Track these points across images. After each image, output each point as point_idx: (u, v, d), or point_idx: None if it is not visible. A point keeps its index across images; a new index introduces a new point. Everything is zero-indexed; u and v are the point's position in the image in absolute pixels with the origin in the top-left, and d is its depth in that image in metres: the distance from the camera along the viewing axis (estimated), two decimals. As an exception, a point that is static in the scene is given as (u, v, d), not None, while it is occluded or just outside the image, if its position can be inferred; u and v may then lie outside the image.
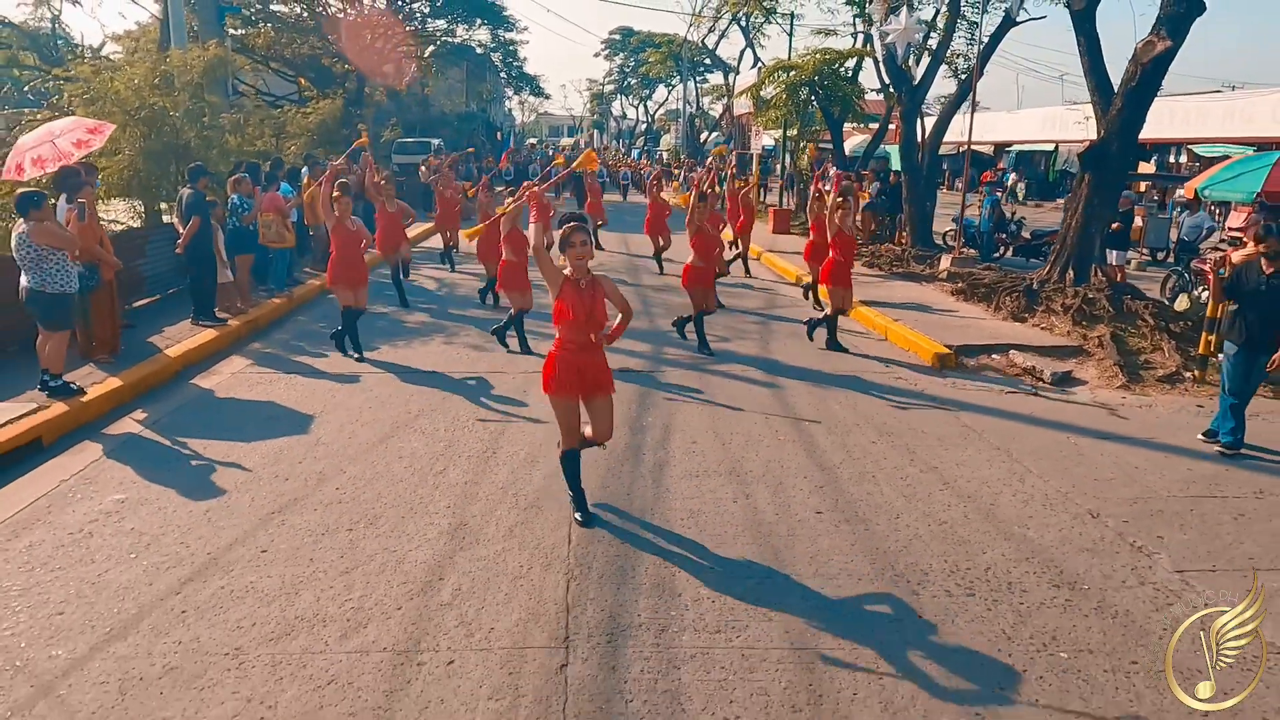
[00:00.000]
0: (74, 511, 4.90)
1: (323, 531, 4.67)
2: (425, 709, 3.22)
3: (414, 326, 9.98)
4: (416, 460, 5.73)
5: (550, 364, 4.68)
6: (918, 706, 3.31)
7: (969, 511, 5.14)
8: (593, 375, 4.66)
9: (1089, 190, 10.02)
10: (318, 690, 3.32)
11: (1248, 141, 24.66)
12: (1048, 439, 6.53)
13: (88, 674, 3.41)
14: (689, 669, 3.51)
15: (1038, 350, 8.86)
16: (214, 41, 13.00)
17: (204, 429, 6.34)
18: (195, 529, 4.69)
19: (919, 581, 4.27)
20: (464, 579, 4.18)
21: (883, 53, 14.29)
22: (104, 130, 7.70)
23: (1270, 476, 5.88)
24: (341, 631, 3.71)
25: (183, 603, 3.94)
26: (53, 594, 4.00)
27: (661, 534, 4.73)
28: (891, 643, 3.73)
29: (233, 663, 3.49)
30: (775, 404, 7.18)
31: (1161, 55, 9.13)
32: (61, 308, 6.59)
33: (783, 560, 4.45)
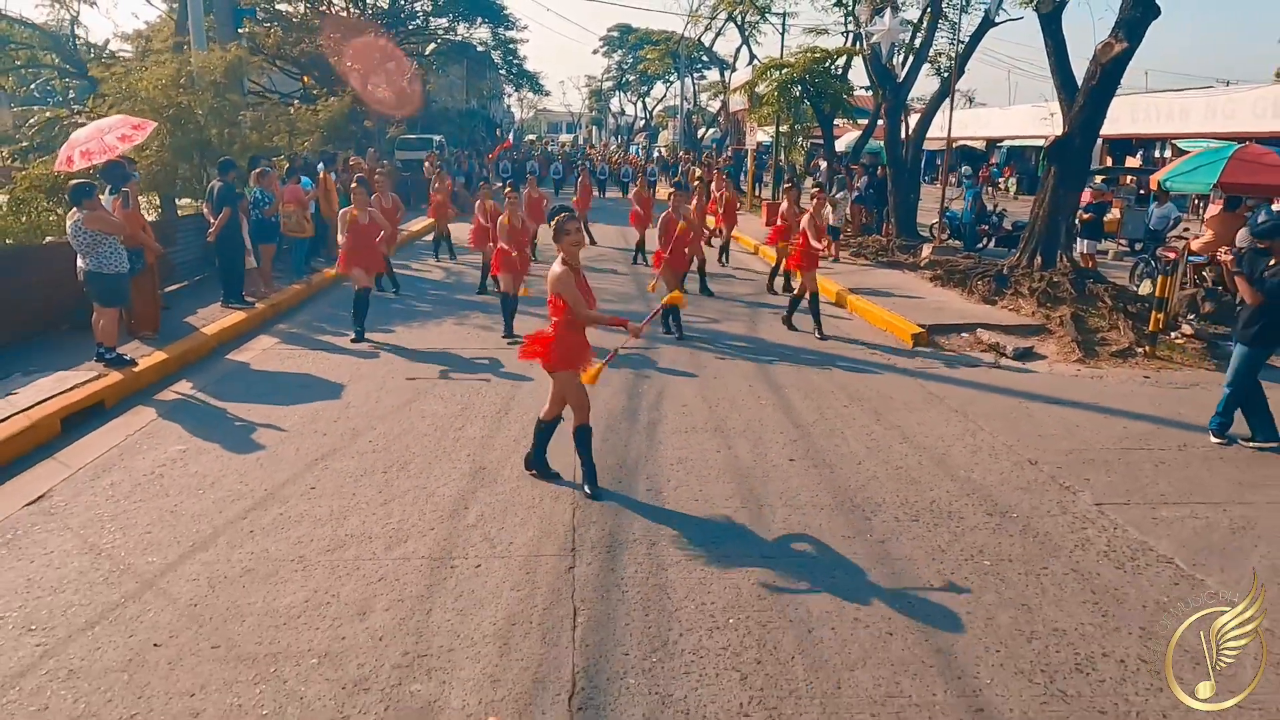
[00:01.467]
0: (143, 459, 5.63)
1: (361, 473, 5.41)
2: (460, 597, 3.96)
3: (426, 310, 10.70)
4: (437, 419, 6.46)
5: (561, 344, 4.96)
6: (860, 594, 4.05)
7: (923, 459, 5.88)
8: (589, 353, 5.19)
9: (1054, 181, 10.76)
10: (370, 585, 4.06)
11: (1229, 136, 25.26)
12: (1003, 404, 7.27)
13: (180, 573, 4.14)
14: (675, 571, 4.25)
15: (1003, 329, 9.60)
16: (235, 44, 13.73)
17: (245, 395, 7.08)
18: (250, 472, 5.42)
19: (873, 510, 5.01)
20: (485, 508, 4.92)
21: (868, 52, 15.00)
22: (146, 127, 8.42)
23: (1196, 434, 6.60)
24: (385, 545, 4.45)
25: (249, 525, 4.68)
26: (139, 519, 4.73)
27: (654, 475, 5.46)
28: (844, 551, 4.47)
29: (298, 566, 4.23)
30: (758, 374, 7.92)
31: (1119, 56, 9.85)
32: (116, 287, 7.32)
33: (757, 495, 5.19)
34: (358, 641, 3.60)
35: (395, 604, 3.89)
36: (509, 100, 65.45)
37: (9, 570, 4.16)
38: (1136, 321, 9.57)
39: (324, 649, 3.54)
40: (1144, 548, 4.65)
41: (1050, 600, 4.08)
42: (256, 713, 3.16)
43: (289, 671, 3.40)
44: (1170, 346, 9.17)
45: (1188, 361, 8.78)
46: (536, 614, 3.83)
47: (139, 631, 3.66)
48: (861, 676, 3.44)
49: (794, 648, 3.62)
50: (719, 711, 3.21)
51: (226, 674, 3.38)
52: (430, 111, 38.73)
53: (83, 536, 4.52)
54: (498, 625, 3.73)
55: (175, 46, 16.23)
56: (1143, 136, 30.93)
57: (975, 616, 3.91)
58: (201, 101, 11.87)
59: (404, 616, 3.79)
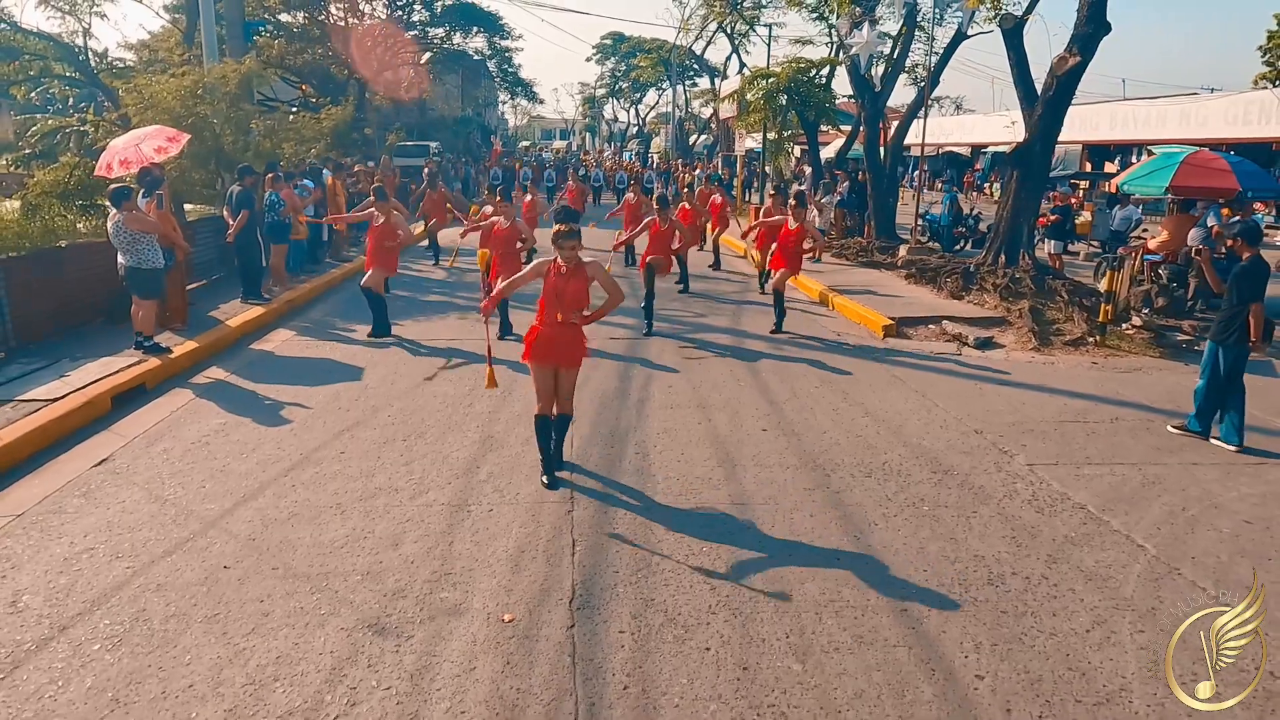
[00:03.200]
0: (189, 430, 6.35)
1: (384, 441, 6.14)
2: (476, 533, 4.69)
3: (433, 304, 11.43)
4: (448, 399, 7.19)
5: (529, 335, 5.30)
6: (814, 531, 4.79)
7: (881, 429, 6.63)
8: (563, 348, 5.20)
9: (1016, 185, 11.55)
10: (399, 524, 4.78)
11: (1201, 143, 26.15)
12: (959, 385, 8.03)
13: (236, 517, 4.87)
14: (658, 512, 4.99)
15: (967, 321, 10.38)
16: (249, 56, 14.45)
17: (272, 378, 7.79)
18: (285, 440, 6.15)
19: (831, 469, 5.76)
20: (494, 467, 5.65)
21: (848, 63, 15.81)
22: (180, 139, 9.13)
23: (1128, 409, 7.37)
24: (410, 495, 5.18)
25: (291, 480, 5.40)
26: (194, 476, 5.45)
27: (642, 442, 6.19)
28: (803, 499, 5.22)
29: (337, 511, 4.95)
30: (739, 361, 8.67)
31: (1073, 69, 10.66)
32: (154, 281, 8.03)
33: (732, 457, 5.93)
34: (393, 564, 4.33)
35: (422, 538, 4.62)
36: (504, 107, 66.28)
37: (91, 515, 4.88)
38: (1090, 314, 10.36)
39: (366, 569, 4.27)
40: (1063, 497, 5.40)
41: (975, 535, 4.83)
42: (315, 613, 3.88)
43: (338, 585, 4.12)
44: (1120, 336, 9.95)
45: (1134, 350, 9.56)
46: (541, 544, 4.57)
47: (209, 558, 4.38)
48: (810, 587, 4.18)
49: (756, 568, 4.36)
50: (691, 610, 3.94)
51: (287, 587, 4.10)
52: (427, 119, 39.53)
53: (148, 489, 5.24)
54: (509, 552, 4.47)
55: (187, 60, 16.97)
56: (1120, 143, 31.91)
57: (909, 547, 4.65)
58: (217, 111, 12.57)
59: (430, 546, 4.52)
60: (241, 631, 3.72)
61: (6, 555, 4.40)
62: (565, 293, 5.12)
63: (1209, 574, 4.44)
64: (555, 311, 5.15)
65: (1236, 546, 4.78)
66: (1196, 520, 5.11)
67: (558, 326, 5.16)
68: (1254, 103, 25.31)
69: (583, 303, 5.22)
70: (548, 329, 5.19)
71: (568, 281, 5.12)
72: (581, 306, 5.22)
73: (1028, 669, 3.57)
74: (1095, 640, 3.80)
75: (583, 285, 5.18)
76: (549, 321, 5.18)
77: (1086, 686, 3.46)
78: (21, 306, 7.96)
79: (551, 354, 5.21)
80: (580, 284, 5.16)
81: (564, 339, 5.20)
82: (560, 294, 5.12)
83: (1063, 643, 3.77)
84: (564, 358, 5.25)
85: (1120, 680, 3.50)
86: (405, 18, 32.15)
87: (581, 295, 5.18)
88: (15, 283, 7.91)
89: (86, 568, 4.27)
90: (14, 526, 4.73)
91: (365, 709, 3.23)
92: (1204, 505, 5.34)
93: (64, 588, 4.08)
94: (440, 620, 3.83)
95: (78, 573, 4.22)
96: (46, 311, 8.39)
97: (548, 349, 5.20)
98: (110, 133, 17.38)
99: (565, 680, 3.42)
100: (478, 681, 3.41)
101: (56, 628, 3.74)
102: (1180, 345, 9.89)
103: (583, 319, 5.26)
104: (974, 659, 3.63)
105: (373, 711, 3.22)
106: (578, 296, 5.16)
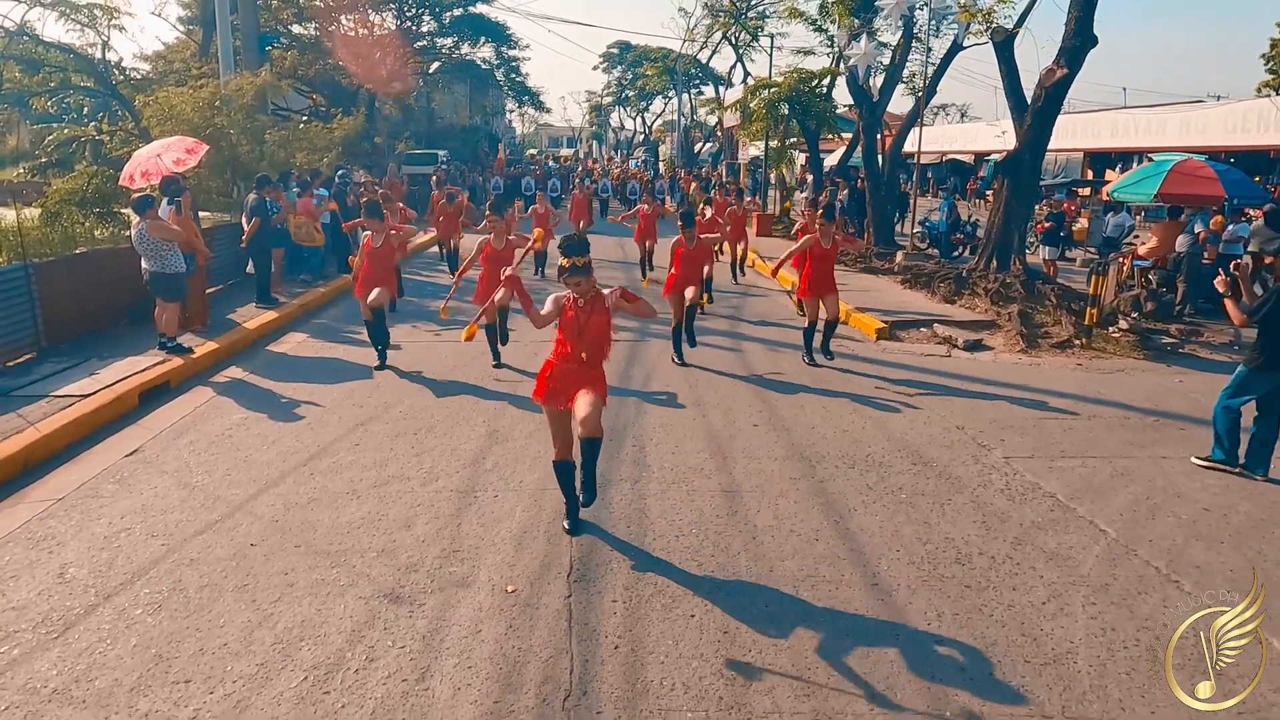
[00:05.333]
0: (212, 424, 6.74)
1: (395, 434, 6.51)
2: (482, 515, 5.06)
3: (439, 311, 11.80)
4: (457, 396, 7.57)
5: (543, 372, 4.75)
6: (797, 515, 5.14)
7: (867, 424, 6.98)
8: (582, 387, 4.63)
9: (1007, 193, 11.90)
10: (412, 508, 5.15)
11: (1200, 150, 26.50)
12: (946, 385, 8.36)
13: (260, 501, 5.25)
14: (652, 499, 5.34)
15: (958, 324, 10.71)
16: (264, 69, 14.94)
17: (288, 377, 8.18)
18: (303, 434, 6.53)
19: (818, 460, 6.11)
20: (500, 458, 6.02)
21: (846, 74, 16.20)
22: (199, 150, 9.57)
23: (1107, 407, 7.70)
24: (421, 482, 5.55)
25: (309, 469, 5.78)
26: (219, 465, 5.84)
27: (640, 435, 6.55)
28: (788, 487, 5.56)
29: (353, 497, 5.33)
30: (736, 361, 9.03)
31: (1061, 81, 11.01)
32: (176, 284, 8.44)
33: (723, 450, 6.29)
34: (406, 543, 4.69)
35: (433, 520, 4.99)
36: (511, 116, 66.84)
37: (125, 499, 5.27)
38: (1078, 318, 10.68)
39: (381, 547, 4.64)
40: (1034, 487, 5.74)
41: (948, 520, 5.17)
42: (335, 584, 4.25)
43: (356, 560, 4.49)
44: (1106, 339, 10.27)
45: (1120, 352, 9.88)
46: (542, 526, 4.93)
47: (237, 537, 4.76)
48: (790, 565, 4.53)
49: (740, 547, 4.71)
50: (679, 583, 4.30)
51: (309, 562, 4.47)
52: (435, 127, 40.09)
53: (177, 477, 5.62)
54: (513, 533, 4.83)
55: (204, 72, 17.48)
56: (1122, 150, 32.19)
57: (885, 530, 5.00)
58: (234, 122, 13.04)
59: (440, 528, 4.89)
60: (269, 599, 4.09)
61: (51, 534, 4.78)
62: (587, 329, 4.61)
63: (1163, 555, 4.77)
64: (579, 350, 4.63)
65: (1193, 531, 5.10)
66: (1158, 508, 5.44)
67: (580, 365, 4.65)
68: (1253, 111, 25.57)
69: (606, 339, 4.73)
70: (567, 365, 4.67)
71: (589, 316, 4.61)
72: (605, 343, 4.74)
73: (984, 635, 3.91)
74: (1049, 611, 4.14)
75: (604, 319, 4.66)
76: (571, 358, 4.66)
77: (1036, 649, 3.80)
78: (52, 308, 8.37)
79: (569, 392, 4.63)
80: (601, 318, 4.64)
81: (586, 379, 4.65)
82: (582, 331, 4.61)
83: (1019, 613, 4.11)
84: (587, 389, 4.64)
85: (1068, 645, 3.84)
86: (414, 28, 32.70)
87: (604, 331, 4.67)
88: (46, 286, 8.32)
89: (125, 545, 4.65)
90: (56, 509, 5.12)
91: (382, 664, 3.60)
92: (1168, 495, 5.66)
93: (106, 562, 4.46)
94: (449, 591, 4.20)
95: (117, 549, 4.60)
96: (75, 314, 8.80)
97: (564, 387, 4.64)
98: (127, 142, 17.92)
99: (562, 641, 3.78)
100: (483, 642, 3.77)
101: (102, 595, 4.12)
102: (1165, 348, 10.20)
103: (620, 300, 4.64)
104: (935, 625, 3.98)
105: (389, 666, 3.58)
106: (600, 332, 4.65)
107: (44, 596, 4.12)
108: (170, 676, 3.50)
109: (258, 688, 3.43)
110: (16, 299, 7.97)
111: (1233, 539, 5.01)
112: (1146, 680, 3.56)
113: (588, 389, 4.59)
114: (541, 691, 3.44)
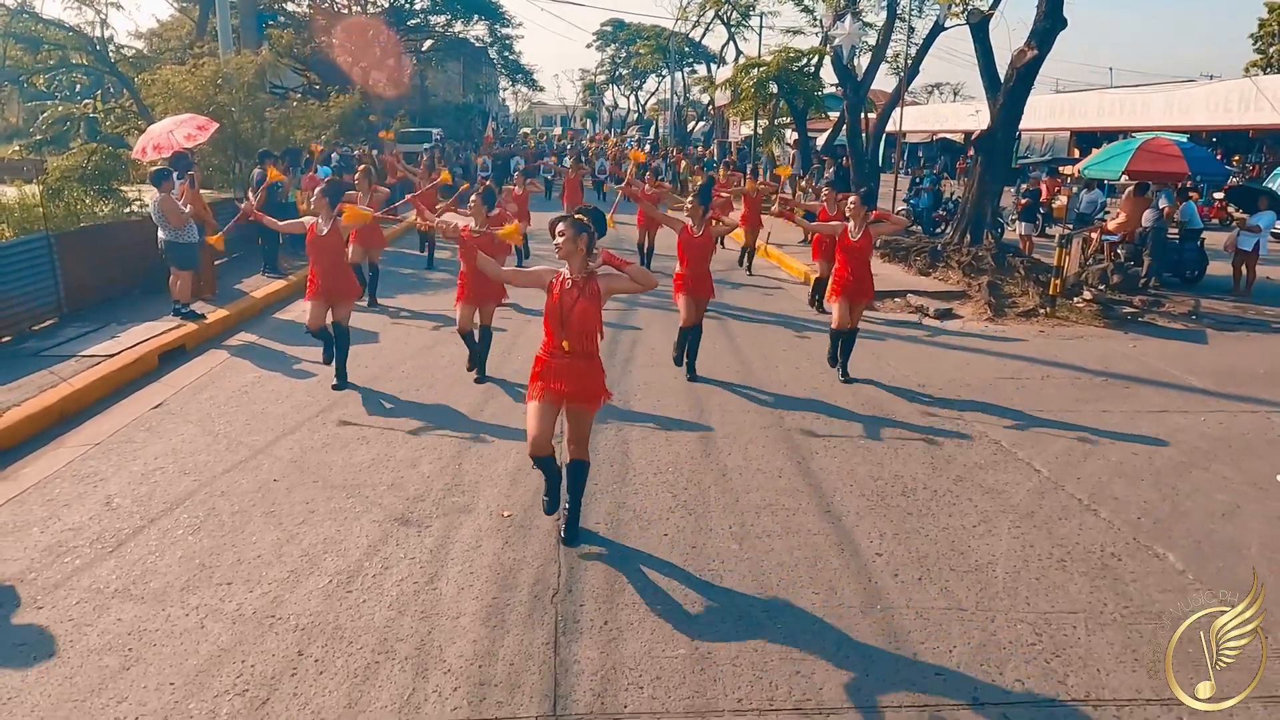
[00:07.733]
0: (229, 382, 7.28)
1: (399, 390, 7.07)
2: (481, 457, 5.62)
3: (437, 283, 12.33)
4: (454, 359, 8.10)
5: (535, 370, 4.28)
6: (763, 456, 5.71)
7: (834, 384, 7.54)
8: (574, 383, 4.16)
9: (981, 169, 12.43)
10: (416, 451, 5.72)
11: (1183, 129, 27.08)
12: (914, 349, 8.94)
13: (279, 445, 5.80)
14: (635, 444, 5.91)
15: (930, 294, 11.27)
16: (264, 48, 15.32)
17: (297, 341, 8.69)
18: (314, 390, 7.07)
19: (786, 412, 6.68)
20: (496, 410, 6.58)
21: (831, 53, 16.65)
22: (210, 127, 10.03)
23: (1060, 369, 8.27)
24: (426, 429, 6.11)
25: (321, 419, 6.33)
26: (238, 416, 6.39)
27: (625, 391, 7.10)
28: (758, 434, 6.14)
29: (362, 441, 5.89)
30: (719, 330, 9.57)
31: (1031, 61, 11.51)
32: (189, 253, 8.95)
33: (701, 404, 6.85)
34: (413, 479, 5.26)
35: (436, 460, 5.55)
36: (504, 94, 66.87)
37: (156, 444, 5.82)
38: (1044, 288, 11.25)
39: (390, 481, 5.21)
40: (982, 435, 6.32)
41: (898, 460, 5.75)
42: (351, 511, 4.82)
43: (368, 493, 5.06)
44: (1070, 309, 10.85)
45: (1082, 320, 10.45)
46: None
47: (260, 474, 5.32)
48: (754, 497, 5.11)
49: (711, 482, 5.29)
50: (654, 510, 4.88)
51: (326, 494, 5.04)
52: (429, 105, 40.29)
53: (201, 426, 6.18)
54: (508, 470, 5.40)
55: (204, 50, 17.80)
56: (1107, 129, 32.64)
57: (842, 469, 5.58)
58: (235, 100, 13.45)
59: (443, 466, 5.45)
60: (294, 522, 4.66)
61: (94, 471, 5.34)
62: (571, 314, 4.04)
63: (1086, 489, 5.36)
64: (559, 339, 4.11)
65: (1118, 471, 5.69)
66: (1091, 453, 6.03)
67: (566, 357, 4.13)
68: (1234, 91, 26.05)
69: (594, 328, 4.14)
70: (554, 360, 4.17)
71: (575, 300, 4.04)
72: (593, 332, 4.16)
73: (918, 550, 4.50)
74: (979, 533, 4.73)
75: (593, 305, 4.07)
76: (554, 350, 4.16)
77: (961, 560, 4.39)
78: (72, 276, 8.87)
79: (560, 389, 4.16)
80: (590, 303, 4.06)
81: (575, 371, 4.15)
82: (565, 316, 4.05)
83: (952, 534, 4.70)
84: (576, 394, 4.19)
85: (990, 558, 4.43)
86: (408, 6, 32.89)
87: (591, 317, 4.09)
88: (65, 255, 8.81)
89: (161, 480, 5.21)
90: (95, 452, 5.67)
91: (396, 571, 4.17)
92: (1103, 442, 6.26)
93: (146, 494, 5.02)
94: (453, 516, 4.77)
95: (155, 484, 5.16)
96: (92, 282, 9.30)
97: (554, 383, 4.15)
98: (124, 119, 18.29)
99: (551, 553, 4.36)
100: (483, 554, 4.35)
101: (147, 520, 4.68)
102: (1125, 317, 10.77)
103: (611, 282, 4.13)
104: (877, 543, 4.57)
105: (402, 572, 4.16)
106: (585, 319, 4.08)
107: (95, 520, 4.68)
108: (214, 580, 4.07)
109: (290, 588, 4.00)
110: (40, 266, 8.47)
111: (1153, 477, 5.60)
112: (1051, 585, 4.16)
113: (582, 394, 4.19)
114: (534, 590, 4.02)
